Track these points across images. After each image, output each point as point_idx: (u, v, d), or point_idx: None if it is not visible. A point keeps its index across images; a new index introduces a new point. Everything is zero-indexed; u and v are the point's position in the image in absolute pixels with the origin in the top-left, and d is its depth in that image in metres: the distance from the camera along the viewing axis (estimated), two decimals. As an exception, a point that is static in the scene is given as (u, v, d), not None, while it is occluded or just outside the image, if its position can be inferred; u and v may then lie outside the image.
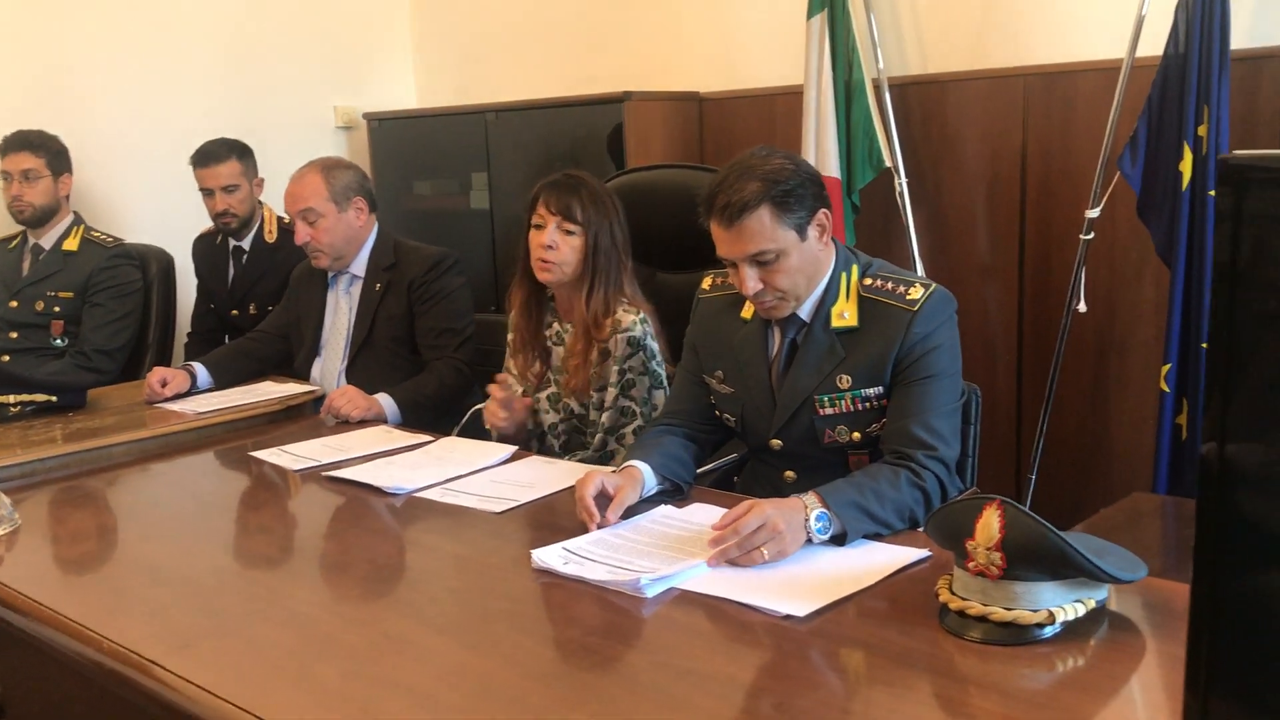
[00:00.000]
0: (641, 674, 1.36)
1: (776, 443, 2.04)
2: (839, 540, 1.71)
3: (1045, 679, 1.32)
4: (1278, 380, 0.82)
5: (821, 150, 3.37)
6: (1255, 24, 2.90)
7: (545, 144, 4.04)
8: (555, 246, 2.33)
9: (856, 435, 1.98)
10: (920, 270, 3.38)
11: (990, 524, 1.39)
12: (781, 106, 3.70)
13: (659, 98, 3.85)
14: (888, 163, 3.35)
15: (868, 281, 1.98)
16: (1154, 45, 2.84)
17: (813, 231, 1.92)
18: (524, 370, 2.50)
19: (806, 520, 1.68)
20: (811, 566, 1.65)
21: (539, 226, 2.36)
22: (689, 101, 3.93)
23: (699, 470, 2.32)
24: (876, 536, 1.75)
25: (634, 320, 2.35)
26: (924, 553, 1.66)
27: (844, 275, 1.99)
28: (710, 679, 1.32)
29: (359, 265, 3.00)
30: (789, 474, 2.06)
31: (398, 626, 1.51)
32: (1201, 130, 2.76)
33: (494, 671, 1.36)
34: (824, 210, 1.93)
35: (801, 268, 1.92)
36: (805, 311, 1.99)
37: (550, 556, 1.71)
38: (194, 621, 1.56)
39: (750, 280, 1.91)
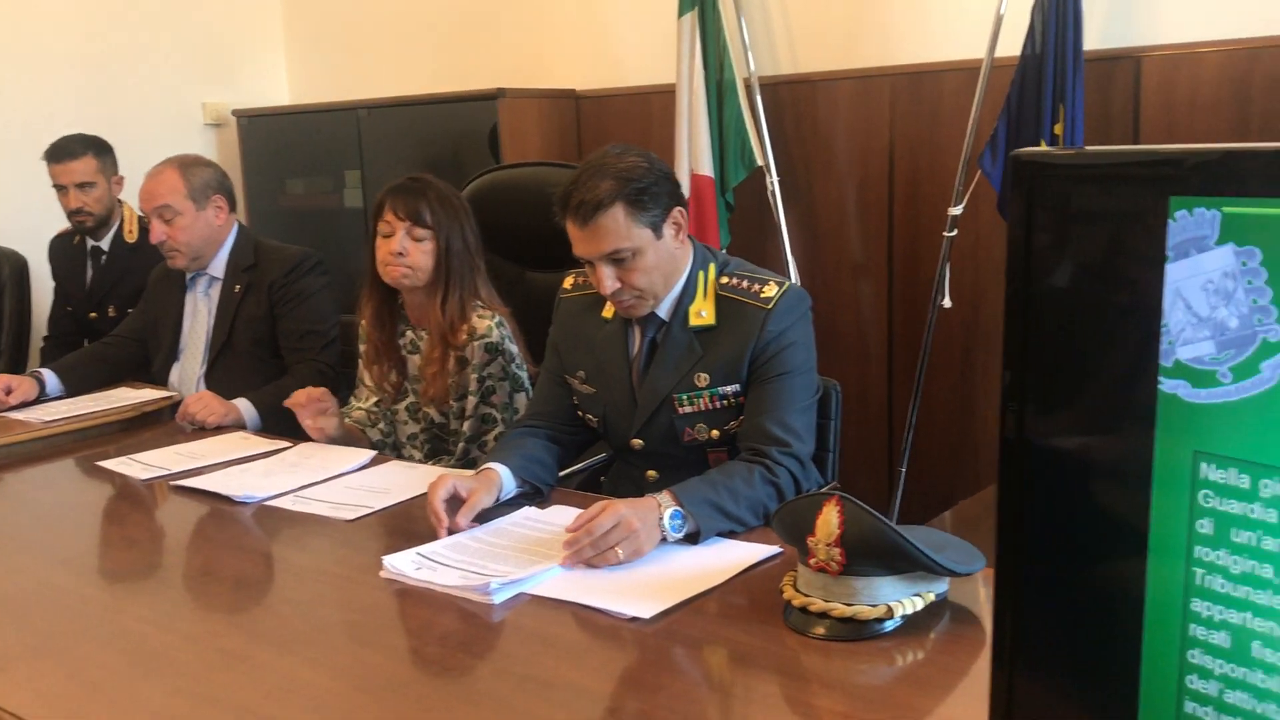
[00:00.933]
0: (481, 683, 1.33)
1: (638, 442, 2.03)
2: (694, 538, 1.71)
3: (886, 674, 1.33)
4: (1070, 368, 0.84)
5: (695, 149, 3.38)
6: (1108, 26, 2.99)
7: (420, 141, 3.97)
8: (406, 253, 2.27)
9: (715, 433, 1.98)
10: (793, 268, 3.41)
11: (830, 520, 1.39)
12: (658, 105, 3.70)
13: (535, 95, 3.81)
14: (760, 162, 3.37)
15: (724, 280, 1.98)
16: (1013, 45, 2.90)
17: (668, 230, 1.91)
18: (380, 381, 2.43)
19: (661, 519, 1.67)
20: (665, 566, 1.64)
21: (387, 235, 2.30)
22: (565, 99, 3.90)
23: (566, 471, 2.30)
24: (732, 534, 1.75)
25: (490, 325, 2.30)
26: (776, 549, 1.66)
27: (701, 274, 1.98)
28: (550, 686, 1.30)
29: (217, 266, 2.90)
30: (651, 473, 2.05)
31: (232, 642, 1.45)
32: (1058, 129, 2.83)
33: (326, 686, 1.32)
34: (679, 208, 1.93)
35: (658, 266, 1.91)
36: (664, 310, 1.98)
37: (402, 562, 1.67)
38: (13, 643, 1.47)
39: (607, 279, 1.90)
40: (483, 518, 1.84)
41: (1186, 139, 2.88)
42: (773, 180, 3.38)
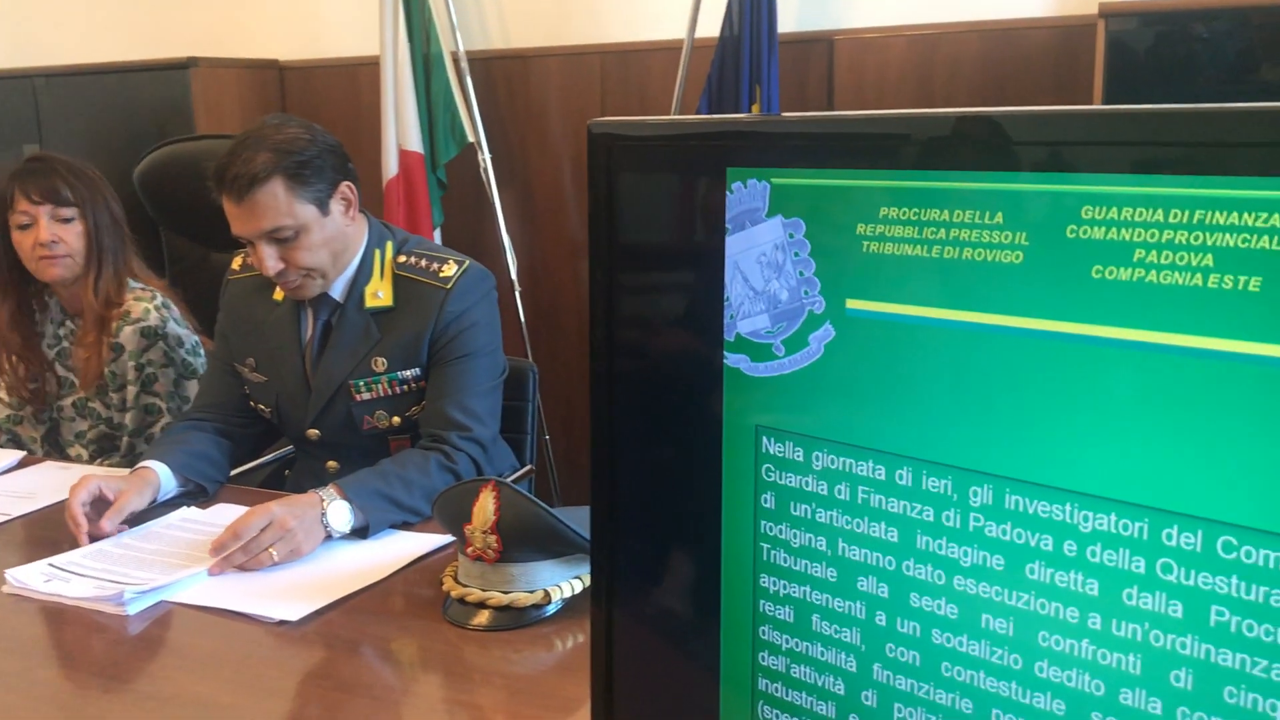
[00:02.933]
0: (92, 705, 1.20)
1: (314, 432, 1.92)
2: (363, 533, 1.62)
3: (545, 661, 1.30)
4: (649, 345, 0.82)
5: (402, 123, 3.25)
6: (802, 10, 3.07)
7: (108, 113, 3.64)
8: (59, 239, 2.07)
9: (397, 420, 1.89)
10: (509, 248, 3.35)
11: (486, 507, 1.34)
12: (365, 77, 3.54)
13: (232, 65, 3.57)
14: (471, 138, 3.29)
15: (402, 259, 1.89)
16: (714, 27, 2.94)
17: (336, 205, 1.81)
18: (20, 386, 2.18)
19: (324, 515, 1.58)
20: (326, 564, 1.55)
21: (26, 225, 2.08)
22: (267, 69, 3.68)
23: (247, 466, 2.16)
24: (406, 525, 1.68)
25: (147, 308, 2.12)
26: (448, 539, 1.60)
27: (378, 252, 1.89)
28: (172, 702, 1.19)
29: None
30: (331, 464, 1.94)
31: None
32: (755, 109, 2.90)
33: (-96, 725, 1.16)
34: (348, 183, 1.82)
35: (326, 244, 1.80)
36: (338, 291, 1.88)
37: (29, 575, 1.52)
38: None
39: (269, 259, 1.77)
40: (137, 521, 1.69)
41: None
42: (485, 157, 3.30)
